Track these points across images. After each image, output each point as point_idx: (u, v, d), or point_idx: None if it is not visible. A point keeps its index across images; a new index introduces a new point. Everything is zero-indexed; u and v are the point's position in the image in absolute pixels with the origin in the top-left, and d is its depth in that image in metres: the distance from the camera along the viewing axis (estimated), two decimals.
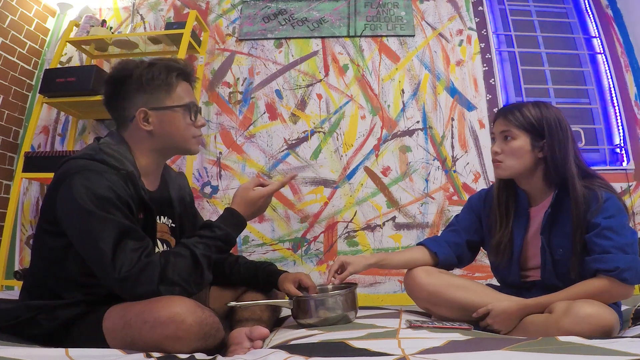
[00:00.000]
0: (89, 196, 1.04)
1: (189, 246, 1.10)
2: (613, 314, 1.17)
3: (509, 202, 1.47)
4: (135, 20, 3.11)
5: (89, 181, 1.06)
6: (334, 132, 2.86)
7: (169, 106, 1.21)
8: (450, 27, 3.03)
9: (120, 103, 1.22)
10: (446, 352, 0.92)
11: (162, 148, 1.25)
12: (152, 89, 1.20)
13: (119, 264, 1.00)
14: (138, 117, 1.19)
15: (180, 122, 1.22)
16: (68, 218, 1.07)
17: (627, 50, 3.00)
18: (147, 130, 1.20)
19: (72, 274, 1.10)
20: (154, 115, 1.20)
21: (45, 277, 1.13)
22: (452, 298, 1.38)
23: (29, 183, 2.87)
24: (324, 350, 0.97)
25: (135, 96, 1.20)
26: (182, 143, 1.25)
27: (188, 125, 1.24)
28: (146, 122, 1.20)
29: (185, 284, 1.06)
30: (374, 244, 2.70)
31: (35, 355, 0.89)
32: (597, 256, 1.24)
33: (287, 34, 3.03)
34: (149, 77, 1.19)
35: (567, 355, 0.88)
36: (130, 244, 1.03)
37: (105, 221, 1.03)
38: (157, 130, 1.21)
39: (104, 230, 1.02)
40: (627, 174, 2.77)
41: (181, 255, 1.08)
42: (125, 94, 1.21)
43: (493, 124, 1.46)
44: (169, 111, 1.21)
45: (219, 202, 2.78)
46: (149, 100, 1.20)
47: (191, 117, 1.24)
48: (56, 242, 1.11)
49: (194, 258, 1.09)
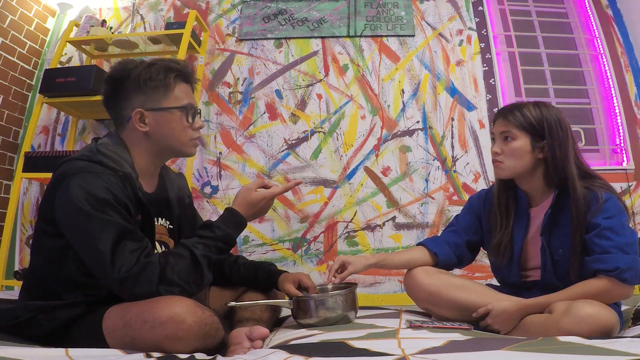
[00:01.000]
0: (86, 198, 1.04)
1: (189, 246, 1.10)
2: (613, 314, 1.17)
3: (509, 203, 1.47)
4: (135, 20, 3.11)
5: (87, 183, 1.05)
6: (334, 132, 2.86)
7: (166, 107, 1.20)
8: (450, 27, 3.03)
9: (118, 103, 1.21)
10: (446, 352, 0.92)
11: (158, 150, 1.24)
12: (149, 89, 1.18)
13: (118, 264, 1.00)
14: (134, 117, 1.18)
15: (176, 123, 1.21)
16: (66, 220, 1.07)
17: (627, 50, 3.00)
18: (143, 132, 1.19)
19: (72, 274, 1.09)
20: (150, 116, 1.19)
21: (45, 277, 1.13)
22: (452, 298, 1.38)
23: (29, 183, 2.87)
24: (324, 350, 0.97)
25: (133, 96, 1.19)
26: (178, 146, 1.23)
27: (185, 128, 1.22)
28: (142, 123, 1.19)
29: (185, 284, 1.06)
30: (374, 244, 2.70)
31: (35, 355, 0.89)
32: (597, 256, 1.24)
33: (287, 34, 3.03)
34: (147, 77, 1.17)
35: (567, 355, 0.87)
36: (129, 245, 1.03)
37: (103, 223, 1.03)
38: (153, 132, 1.20)
39: (102, 231, 1.02)
40: (627, 174, 2.77)
41: (181, 256, 1.08)
42: (123, 93, 1.19)
43: (493, 125, 1.46)
44: (166, 112, 1.20)
45: (219, 202, 2.78)
46: (146, 100, 1.19)
47: (188, 119, 1.22)
48: (55, 242, 1.11)
49: (193, 258, 1.08)
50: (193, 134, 1.24)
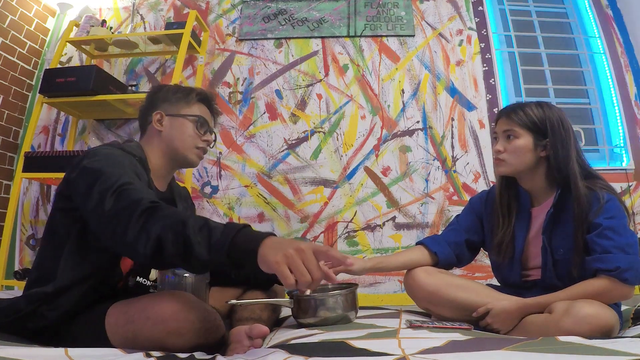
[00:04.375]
0: (100, 159, 1.10)
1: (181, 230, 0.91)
2: (613, 314, 1.17)
3: (510, 202, 1.48)
4: (135, 20, 3.11)
5: (105, 150, 1.17)
6: (334, 132, 2.87)
7: (182, 114, 1.38)
8: (450, 27, 3.03)
9: (149, 111, 1.39)
10: (446, 352, 0.91)
11: (168, 152, 1.36)
12: (174, 99, 1.39)
13: (108, 202, 0.98)
14: (154, 117, 1.36)
15: (187, 129, 1.37)
16: (78, 179, 1.09)
17: (627, 50, 3.00)
18: (157, 130, 1.36)
19: (73, 251, 1.10)
20: (167, 119, 1.37)
21: (47, 259, 1.13)
22: (452, 298, 1.38)
23: (29, 183, 2.87)
24: (324, 350, 0.96)
25: (159, 105, 1.39)
26: (183, 149, 1.36)
27: (193, 135, 1.37)
28: (159, 124, 1.36)
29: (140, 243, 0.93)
30: (374, 244, 2.71)
31: (34, 355, 0.89)
32: (598, 256, 1.25)
33: (287, 34, 3.03)
34: (174, 90, 1.40)
35: (567, 355, 0.87)
36: (127, 191, 1.01)
37: (111, 175, 1.05)
38: (166, 132, 1.36)
39: (109, 179, 1.04)
40: (627, 173, 2.77)
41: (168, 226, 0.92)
42: (154, 103, 1.40)
43: (495, 124, 1.47)
44: (181, 118, 1.37)
45: (218, 202, 2.79)
46: (169, 108, 1.38)
47: (198, 129, 1.37)
48: (64, 218, 1.13)
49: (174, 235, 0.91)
50: (199, 142, 1.38)
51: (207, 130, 1.40)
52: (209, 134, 1.41)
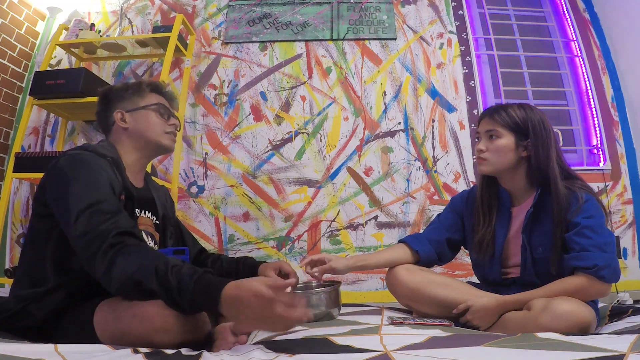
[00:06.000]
0: (72, 165, 1.15)
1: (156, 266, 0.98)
2: (590, 311, 1.20)
3: (491, 201, 1.51)
4: (123, 24, 3.15)
5: (76, 155, 1.19)
6: (317, 133, 2.92)
7: (140, 107, 1.40)
8: (431, 30, 3.08)
9: (106, 114, 1.41)
10: (427, 348, 0.93)
11: (140, 145, 1.38)
12: (128, 95, 1.41)
13: (79, 225, 1.05)
14: (116, 117, 1.38)
15: (151, 118, 1.39)
16: (50, 184, 1.15)
17: (604, 53, 3.06)
18: (123, 128, 1.37)
19: (55, 255, 1.14)
20: (129, 115, 1.38)
21: (32, 263, 1.17)
22: (433, 295, 1.40)
23: (20, 183, 2.92)
24: (307, 346, 0.97)
25: (115, 105, 1.40)
26: (155, 137, 1.39)
27: (159, 122, 1.40)
28: (123, 122, 1.38)
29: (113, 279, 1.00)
30: (357, 243, 2.76)
31: (24, 351, 0.88)
32: (576, 254, 1.27)
33: (272, 37, 3.07)
34: (124, 89, 1.42)
35: (546, 351, 0.89)
36: (98, 212, 1.07)
37: (83, 187, 1.11)
38: (132, 128, 1.38)
39: (79, 194, 1.09)
40: (603, 174, 2.83)
41: (139, 257, 1.01)
42: (109, 105, 1.41)
43: (478, 124, 1.50)
44: (141, 110, 1.39)
45: (205, 202, 2.83)
46: (127, 105, 1.40)
47: (161, 115, 1.41)
48: (42, 224, 1.17)
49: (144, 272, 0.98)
50: (166, 127, 1.41)
51: (169, 114, 1.43)
52: (173, 118, 1.44)
